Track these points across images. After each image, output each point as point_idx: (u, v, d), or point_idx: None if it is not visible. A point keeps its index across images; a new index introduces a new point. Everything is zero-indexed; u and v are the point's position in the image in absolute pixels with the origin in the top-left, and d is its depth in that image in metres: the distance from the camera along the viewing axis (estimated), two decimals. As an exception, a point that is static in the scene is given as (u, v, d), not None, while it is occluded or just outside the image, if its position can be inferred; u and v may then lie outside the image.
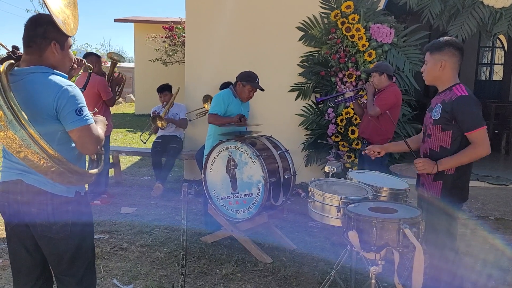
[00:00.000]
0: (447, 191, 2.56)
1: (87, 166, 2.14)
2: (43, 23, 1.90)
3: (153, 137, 6.25)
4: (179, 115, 5.95)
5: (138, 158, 7.82)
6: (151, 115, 5.95)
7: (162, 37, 11.83)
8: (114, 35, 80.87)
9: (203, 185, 3.82)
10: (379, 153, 3.04)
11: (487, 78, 12.20)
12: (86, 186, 2.07)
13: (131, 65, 19.45)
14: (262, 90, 4.15)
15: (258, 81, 4.08)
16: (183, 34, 10.66)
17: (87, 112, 1.91)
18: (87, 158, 2.11)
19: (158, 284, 3.19)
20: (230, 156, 3.68)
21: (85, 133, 1.88)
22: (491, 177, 6.32)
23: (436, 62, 2.58)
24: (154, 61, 12.18)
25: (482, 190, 5.93)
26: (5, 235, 1.88)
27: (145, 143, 6.55)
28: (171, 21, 11.91)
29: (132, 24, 15.36)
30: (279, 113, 6.04)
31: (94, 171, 2.06)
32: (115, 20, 15.51)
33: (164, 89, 5.99)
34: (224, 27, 6.05)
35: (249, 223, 3.74)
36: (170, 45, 11.73)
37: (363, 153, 3.17)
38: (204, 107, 6.06)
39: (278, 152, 3.81)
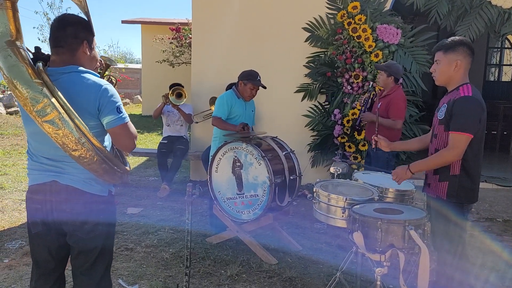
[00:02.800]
0: (453, 192, 2.52)
1: None
2: (73, 22, 1.91)
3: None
4: (185, 112, 5.96)
5: (144, 158, 7.85)
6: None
7: (169, 38, 11.85)
8: (121, 36, 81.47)
9: (209, 186, 3.82)
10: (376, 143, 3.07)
11: (496, 79, 12.08)
12: None
13: (139, 66, 19.54)
14: (264, 87, 4.14)
15: (259, 79, 4.08)
16: (190, 35, 10.67)
17: (124, 110, 1.94)
18: None
19: (163, 285, 3.19)
20: (236, 157, 3.68)
21: (126, 130, 1.93)
22: (499, 178, 6.26)
23: (451, 62, 2.51)
24: (161, 62, 12.21)
25: (490, 191, 5.86)
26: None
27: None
28: (178, 22, 11.92)
29: (140, 25, 15.44)
30: (285, 114, 6.03)
31: (128, 169, 2.10)
32: (123, 22, 15.59)
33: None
34: (230, 28, 6.06)
35: (254, 224, 3.73)
36: (177, 46, 11.75)
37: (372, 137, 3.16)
38: (210, 109, 6.06)
39: (284, 153, 3.80)
